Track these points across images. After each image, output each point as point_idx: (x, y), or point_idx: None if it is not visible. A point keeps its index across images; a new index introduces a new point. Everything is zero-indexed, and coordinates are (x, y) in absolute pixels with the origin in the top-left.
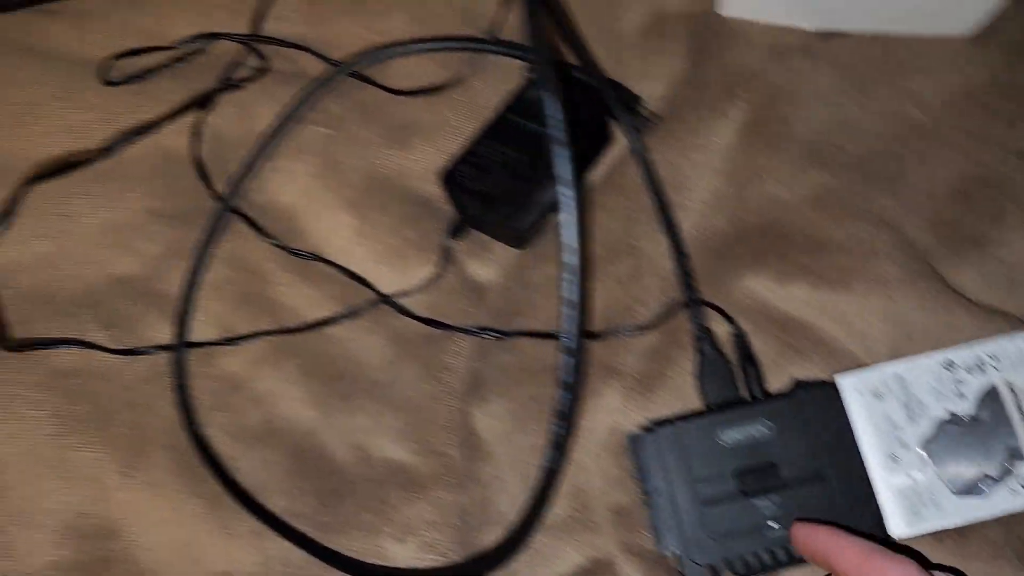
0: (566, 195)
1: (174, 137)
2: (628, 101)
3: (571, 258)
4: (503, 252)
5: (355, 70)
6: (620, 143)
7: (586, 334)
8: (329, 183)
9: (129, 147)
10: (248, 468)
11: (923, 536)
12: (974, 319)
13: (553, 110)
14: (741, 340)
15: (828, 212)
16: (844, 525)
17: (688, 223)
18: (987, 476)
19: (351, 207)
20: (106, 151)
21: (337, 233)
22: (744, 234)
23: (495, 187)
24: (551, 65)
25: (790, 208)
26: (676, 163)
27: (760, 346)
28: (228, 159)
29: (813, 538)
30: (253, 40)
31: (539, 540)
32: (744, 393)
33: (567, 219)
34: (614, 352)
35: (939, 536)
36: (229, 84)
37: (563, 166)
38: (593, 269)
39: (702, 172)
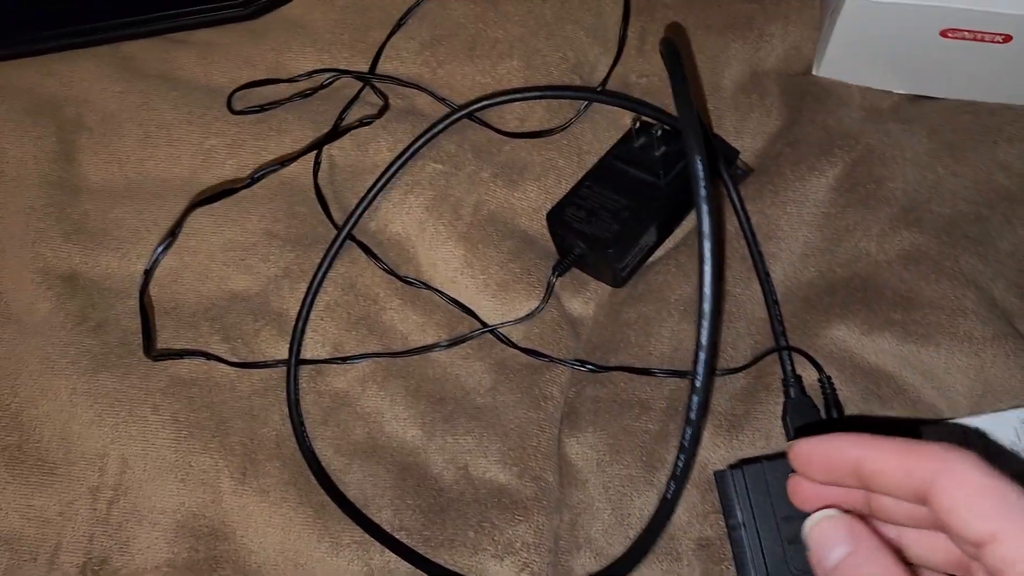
0: (707, 248)
1: (295, 166)
2: (727, 154)
3: (707, 305)
4: (600, 290)
5: (471, 112)
6: (717, 194)
7: (678, 373)
8: (442, 216)
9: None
10: (354, 481)
11: None
12: None
13: (698, 167)
14: (827, 385)
15: (917, 269)
16: None
17: (779, 272)
18: None
19: (461, 240)
20: (253, 181)
21: (447, 264)
22: (833, 286)
23: (598, 228)
24: (697, 124)
25: (879, 263)
26: (771, 214)
27: (845, 393)
28: (342, 188)
29: (835, 450)
30: (374, 78)
31: None
32: None
33: (706, 270)
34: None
35: None
36: (359, 123)
37: (706, 222)
38: (687, 309)
39: (796, 224)
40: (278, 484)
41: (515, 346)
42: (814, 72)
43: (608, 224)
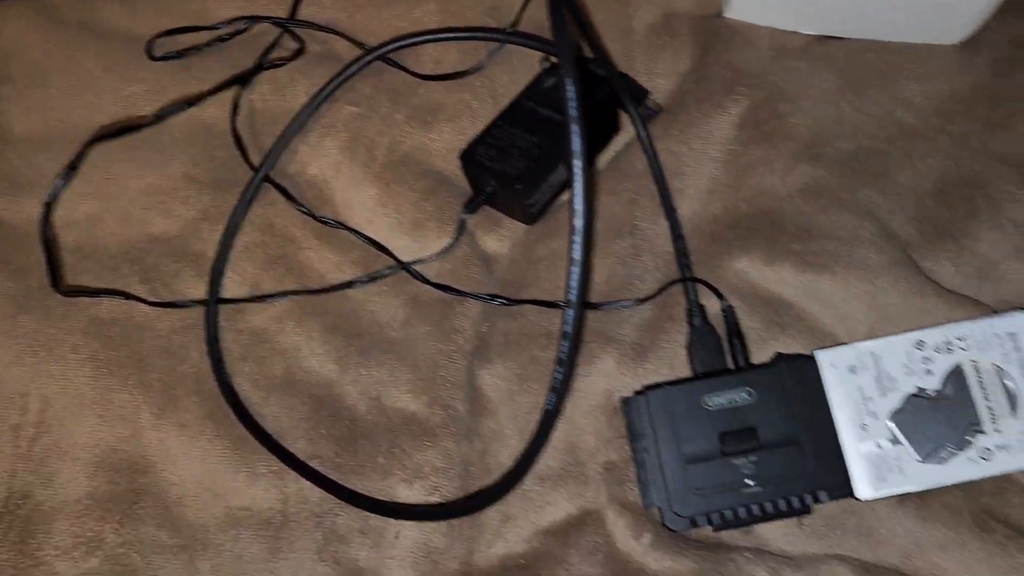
0: (577, 166)
1: (214, 111)
2: (636, 93)
3: (578, 221)
4: (514, 228)
5: (385, 55)
6: (627, 132)
7: (588, 304)
8: (357, 157)
9: (173, 118)
10: (271, 414)
11: (887, 498)
12: (946, 304)
13: (570, 89)
14: (729, 315)
15: (816, 202)
16: (817, 485)
17: (686, 207)
18: (948, 446)
19: (376, 180)
20: (158, 118)
21: (362, 204)
22: (737, 220)
23: (510, 167)
24: (570, 49)
25: (782, 197)
26: (678, 152)
27: (747, 322)
28: (262, 133)
29: None
30: (291, 24)
31: (534, 489)
32: (730, 363)
33: (577, 187)
34: (612, 322)
35: (902, 499)
36: (269, 64)
37: (576, 141)
38: (596, 246)
39: (702, 161)
40: (196, 418)
41: (428, 282)
42: (724, 14)
43: (517, 162)
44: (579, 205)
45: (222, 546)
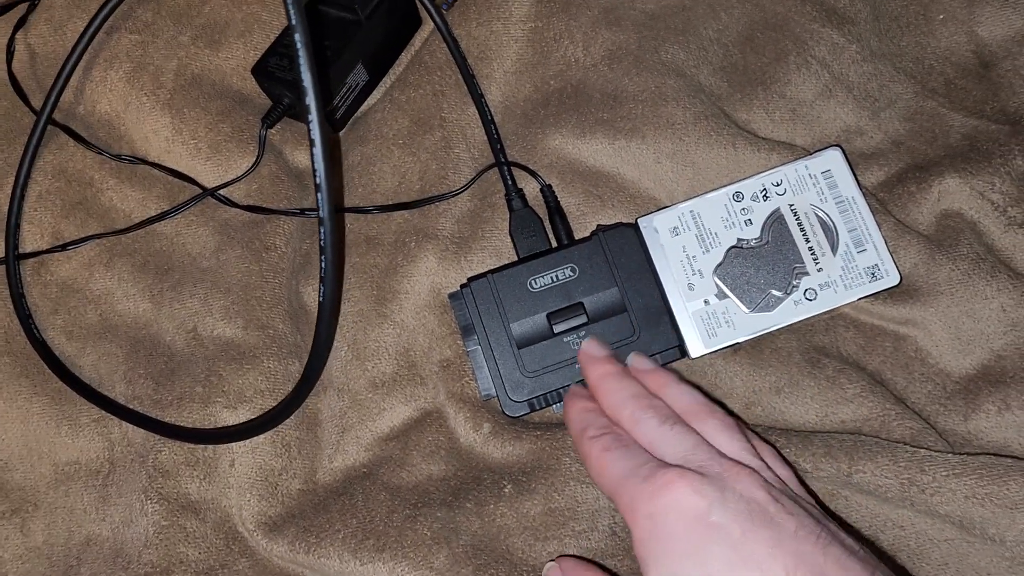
0: (298, 40)
1: None
2: None
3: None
4: None
5: None
6: (428, 23)
7: (401, 204)
8: (144, 87)
9: None
10: (88, 363)
11: (720, 351)
12: (759, 152)
13: None
14: (548, 194)
15: (619, 67)
16: (648, 350)
17: (495, 92)
18: (775, 292)
19: (166, 108)
20: None
21: (157, 134)
22: (547, 97)
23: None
24: None
25: (587, 68)
26: (478, 35)
27: (568, 199)
28: (45, 76)
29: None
30: None
31: (369, 397)
32: (554, 243)
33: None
34: (430, 219)
35: (734, 349)
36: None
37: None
38: (405, 144)
39: (505, 42)
40: (10, 378)
41: (235, 204)
42: None
43: None
44: (306, 78)
45: (54, 503)
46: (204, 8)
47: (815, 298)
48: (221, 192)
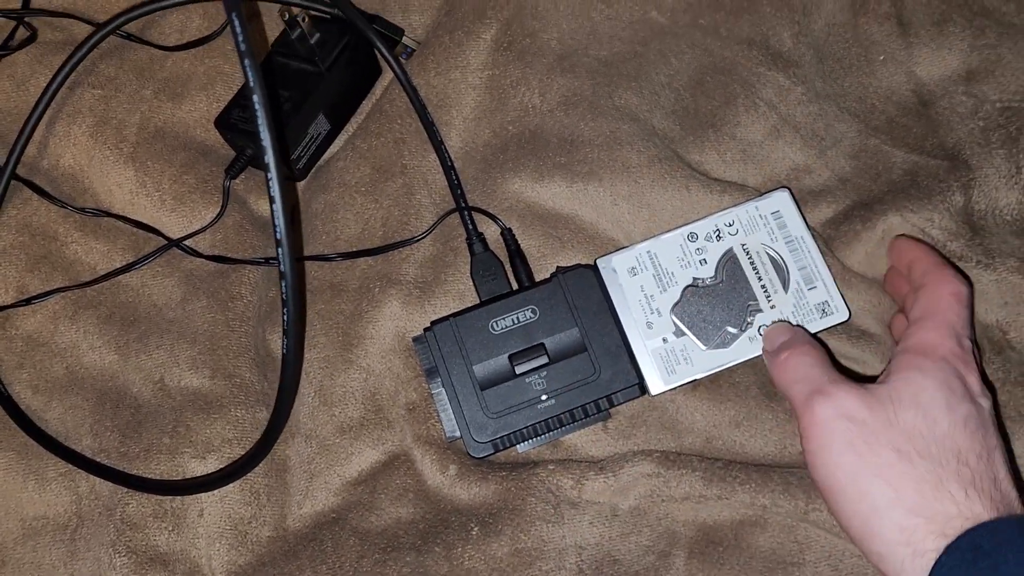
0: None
1: None
2: (391, 33)
3: (269, 158)
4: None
5: (123, 30)
6: (388, 72)
7: (364, 251)
8: (107, 140)
9: None
10: (54, 417)
11: (679, 387)
12: (711, 193)
13: (239, 28)
14: (508, 237)
15: (575, 112)
16: (610, 389)
17: (455, 138)
18: (730, 329)
19: (129, 161)
20: None
21: (121, 187)
22: (506, 143)
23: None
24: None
25: (543, 113)
26: (437, 84)
27: (528, 241)
28: (7, 131)
29: (904, 246)
30: (25, 13)
31: (336, 442)
32: (515, 286)
33: (261, 119)
34: (393, 265)
35: (694, 386)
36: None
37: (241, 44)
38: (367, 191)
39: (463, 90)
40: None
41: (200, 255)
42: None
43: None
44: (265, 137)
45: (22, 559)
46: (166, 62)
47: None
48: (186, 243)
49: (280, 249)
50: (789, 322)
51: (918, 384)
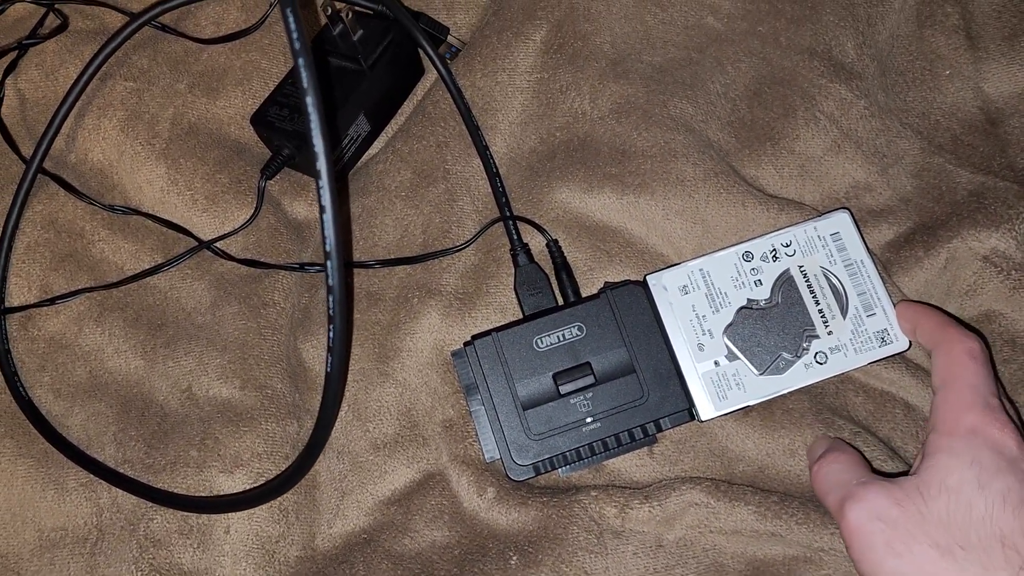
0: (310, 104)
1: None
2: (436, 32)
3: (322, 165)
4: None
5: (157, 21)
6: (432, 73)
7: (404, 259)
8: (138, 135)
9: None
10: (77, 423)
11: (731, 413)
12: (769, 211)
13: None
14: (554, 249)
15: (628, 121)
16: (658, 413)
17: (500, 143)
18: (785, 355)
19: (161, 157)
20: None
21: (151, 185)
22: (554, 150)
23: (301, 124)
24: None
25: (594, 121)
26: (483, 87)
27: (575, 254)
28: (37, 122)
29: (908, 311)
30: (53, 0)
31: (369, 459)
32: (560, 300)
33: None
34: (433, 274)
35: (746, 412)
36: (26, 44)
37: (305, 77)
38: (407, 196)
39: (510, 93)
40: None
41: (232, 258)
42: None
43: None
44: (318, 144)
45: (38, 572)
46: (202, 55)
47: (826, 361)
48: (218, 245)
49: (330, 262)
50: (847, 349)
51: (945, 468)
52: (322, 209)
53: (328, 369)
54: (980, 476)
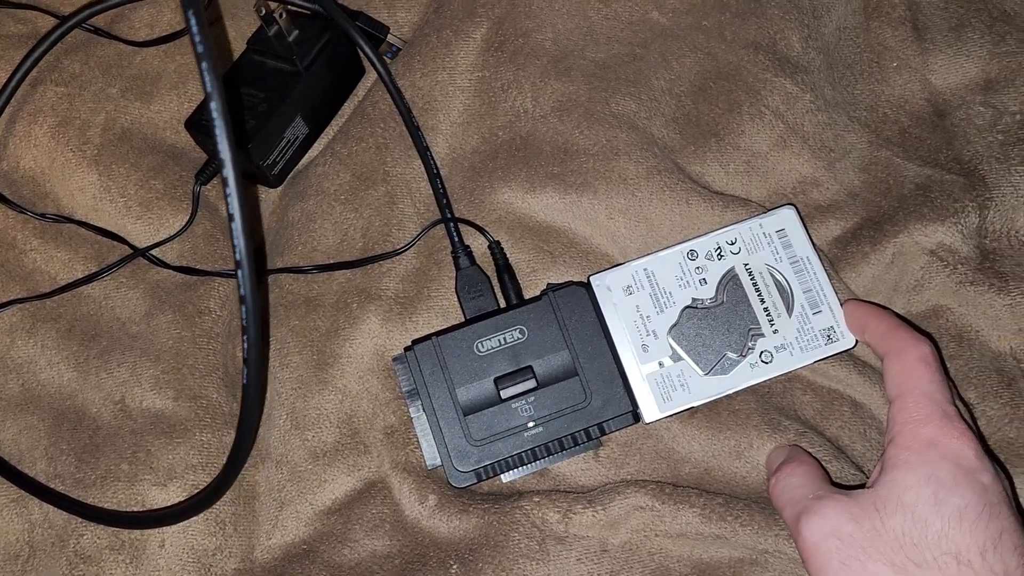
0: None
1: None
2: (375, 31)
3: (228, 172)
4: (268, 194)
5: (89, 24)
6: (372, 72)
7: (342, 264)
8: (69, 142)
9: None
10: (8, 438)
11: (675, 415)
12: (713, 208)
13: (196, 28)
14: (496, 250)
15: (570, 119)
16: (601, 416)
17: (441, 144)
18: (730, 355)
19: (94, 164)
20: None
21: (83, 192)
22: (496, 150)
23: (241, 127)
24: None
25: (536, 119)
26: (423, 86)
27: (517, 255)
28: None
29: (856, 312)
30: None
31: (308, 468)
32: (503, 303)
33: (219, 128)
34: (373, 278)
35: (691, 413)
36: None
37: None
38: (347, 200)
39: (451, 92)
40: None
41: (167, 265)
42: None
43: (247, 121)
44: (223, 150)
45: None
46: (135, 59)
47: (771, 360)
48: (152, 252)
49: (240, 271)
50: (793, 347)
51: (901, 484)
52: (231, 217)
53: (244, 380)
54: (937, 492)
